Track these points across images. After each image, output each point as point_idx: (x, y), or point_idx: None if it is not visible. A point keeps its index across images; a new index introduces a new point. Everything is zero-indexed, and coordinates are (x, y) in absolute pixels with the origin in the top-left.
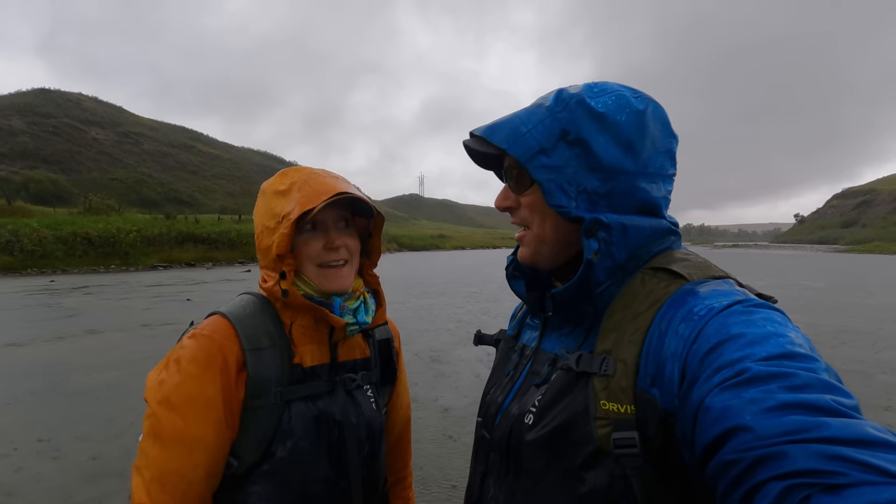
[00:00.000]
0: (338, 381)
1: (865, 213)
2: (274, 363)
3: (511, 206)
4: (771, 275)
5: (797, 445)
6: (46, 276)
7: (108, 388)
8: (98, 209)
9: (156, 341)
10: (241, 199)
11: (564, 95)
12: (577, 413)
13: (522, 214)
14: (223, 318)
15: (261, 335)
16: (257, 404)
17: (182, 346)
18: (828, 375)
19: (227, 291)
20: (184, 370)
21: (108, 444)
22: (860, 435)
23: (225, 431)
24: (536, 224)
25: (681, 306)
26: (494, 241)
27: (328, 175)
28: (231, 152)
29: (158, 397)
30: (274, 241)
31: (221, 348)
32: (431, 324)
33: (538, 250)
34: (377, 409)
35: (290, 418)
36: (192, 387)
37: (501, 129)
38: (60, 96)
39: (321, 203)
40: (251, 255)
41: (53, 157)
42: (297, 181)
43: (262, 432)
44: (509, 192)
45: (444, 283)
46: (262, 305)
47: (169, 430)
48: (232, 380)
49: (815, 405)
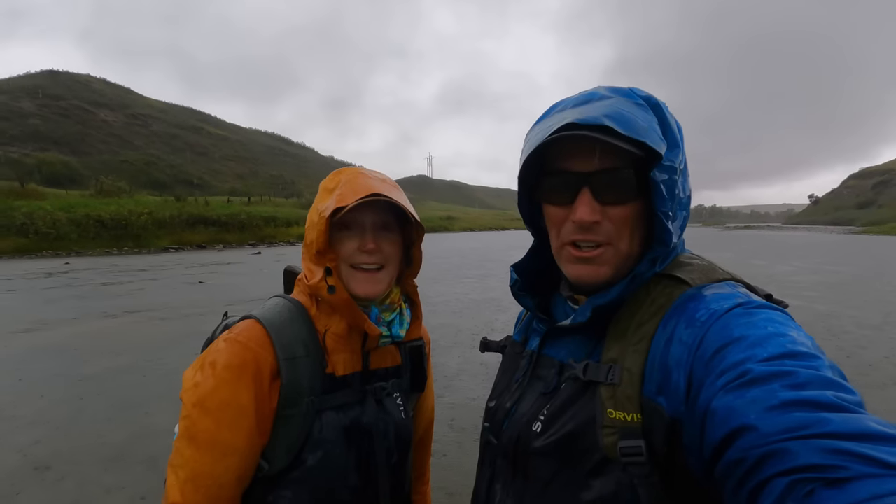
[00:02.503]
0: (368, 391)
1: (883, 194)
2: (308, 373)
3: (598, 220)
4: (797, 257)
5: (800, 441)
6: (61, 258)
7: (123, 372)
8: (109, 191)
9: (169, 324)
10: (250, 181)
11: (642, 93)
12: (584, 422)
13: (606, 230)
14: (259, 325)
15: (296, 344)
16: (290, 413)
17: (217, 350)
18: (830, 372)
19: (240, 274)
20: (218, 375)
21: (122, 429)
22: (862, 429)
23: (256, 438)
24: (624, 240)
25: (683, 313)
26: (503, 223)
27: (373, 177)
28: (239, 134)
29: (194, 399)
30: (313, 236)
31: (256, 357)
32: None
33: (619, 270)
34: (406, 416)
35: (321, 428)
36: (225, 393)
37: (628, 123)
38: (69, 78)
39: (353, 202)
40: (261, 237)
41: (64, 139)
42: (343, 180)
43: (293, 440)
44: (596, 203)
45: (453, 266)
46: (297, 312)
47: (203, 434)
48: (265, 388)
49: (816, 402)
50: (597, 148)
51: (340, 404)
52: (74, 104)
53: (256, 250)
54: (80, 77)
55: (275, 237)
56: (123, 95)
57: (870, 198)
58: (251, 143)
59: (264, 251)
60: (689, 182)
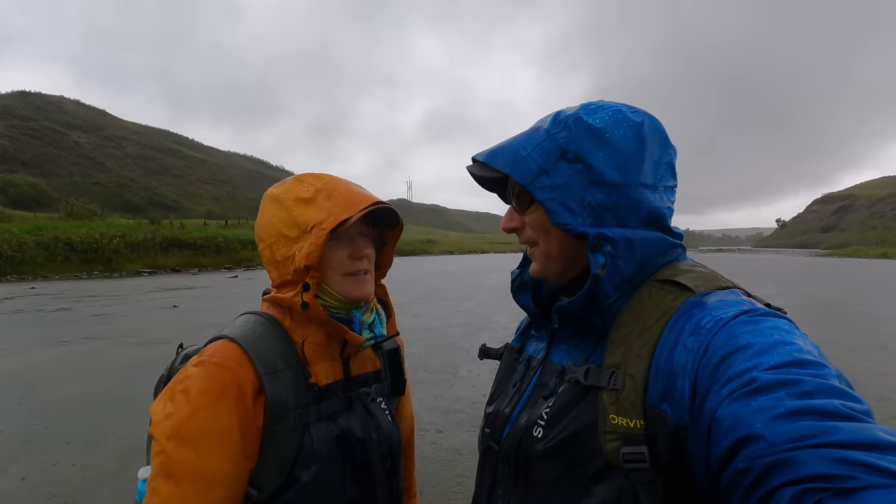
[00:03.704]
0: (354, 397)
1: (844, 218)
2: (291, 385)
3: (516, 226)
4: (771, 282)
5: (808, 451)
6: (27, 282)
7: (89, 400)
8: (80, 214)
9: (140, 350)
10: (226, 204)
11: (562, 116)
12: (585, 426)
13: (528, 234)
14: (232, 343)
15: (275, 357)
16: (277, 429)
17: (189, 376)
18: (837, 381)
19: (215, 297)
20: (194, 401)
21: (88, 459)
22: (870, 438)
23: (243, 462)
24: (542, 241)
25: (688, 319)
26: (483, 246)
27: (351, 183)
28: (217, 157)
29: (167, 432)
30: (298, 251)
31: (236, 376)
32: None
33: (546, 266)
34: (393, 420)
35: (311, 441)
36: (204, 418)
37: (502, 153)
38: (41, 99)
39: (359, 213)
40: (238, 260)
41: (34, 160)
42: (322, 188)
43: (283, 458)
44: (514, 213)
45: (432, 289)
46: (270, 326)
47: (182, 467)
48: (249, 408)
49: (824, 410)
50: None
51: (328, 414)
52: (45, 125)
53: (233, 274)
54: (52, 98)
55: (252, 260)
56: (97, 117)
57: (833, 222)
58: (229, 166)
59: (241, 274)
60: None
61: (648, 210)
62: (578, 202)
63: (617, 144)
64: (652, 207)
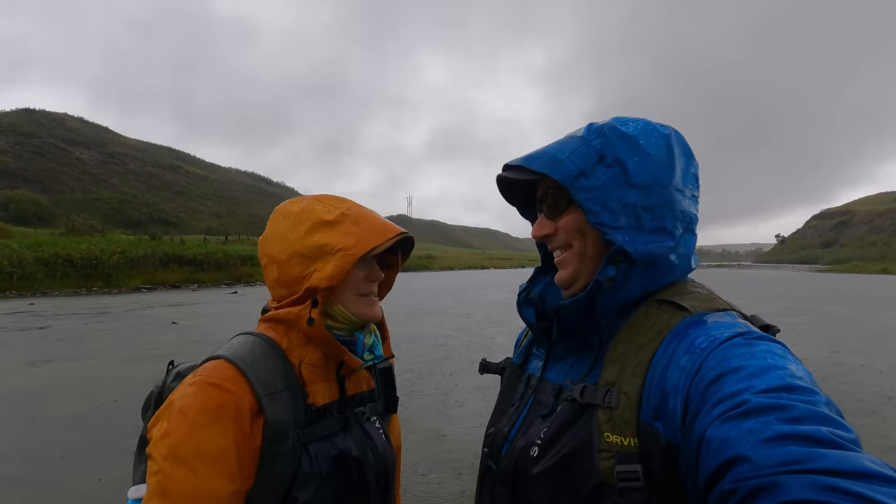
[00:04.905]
0: (350, 417)
1: (843, 234)
2: (290, 406)
3: (549, 232)
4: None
5: (794, 476)
6: (26, 298)
7: (88, 416)
8: (81, 230)
9: (139, 367)
10: (227, 220)
11: (595, 126)
12: (581, 445)
13: (561, 238)
14: (229, 364)
15: (274, 378)
16: (276, 450)
17: (186, 395)
18: (827, 409)
19: (214, 314)
20: (192, 421)
21: (85, 478)
22: (856, 467)
23: (240, 483)
24: (577, 242)
25: (683, 339)
26: (483, 262)
27: (370, 210)
28: (218, 173)
29: (164, 451)
30: (319, 270)
31: (235, 398)
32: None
33: (579, 269)
34: (387, 439)
35: (309, 461)
36: (201, 438)
37: (539, 158)
38: (45, 116)
39: (387, 242)
40: (238, 276)
41: (36, 176)
42: (347, 213)
43: (280, 479)
44: (545, 220)
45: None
46: (267, 347)
47: (178, 487)
48: (246, 429)
49: (812, 437)
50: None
51: (325, 434)
52: (48, 142)
53: (233, 290)
54: (55, 115)
55: (252, 276)
56: (100, 134)
57: (831, 237)
58: (230, 182)
59: (241, 290)
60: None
61: (682, 212)
62: (617, 202)
63: (650, 151)
64: (684, 209)
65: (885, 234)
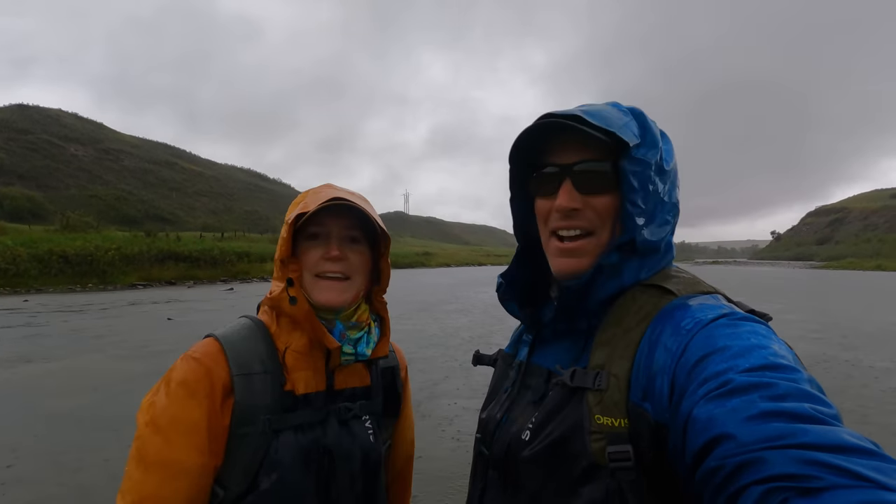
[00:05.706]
0: (331, 411)
1: (838, 231)
2: (264, 390)
3: (578, 207)
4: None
5: (776, 451)
6: (20, 295)
7: (81, 413)
8: (76, 226)
9: (134, 363)
10: (223, 217)
11: (625, 106)
12: (572, 428)
13: (588, 217)
14: (214, 341)
15: (252, 360)
16: (244, 431)
17: (173, 368)
18: (809, 386)
19: (209, 311)
20: (172, 392)
21: (81, 472)
22: (837, 441)
23: (209, 458)
24: (606, 231)
25: (669, 320)
26: (479, 259)
27: (340, 189)
28: (214, 169)
29: (147, 418)
30: (279, 246)
31: (209, 372)
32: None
33: (593, 263)
34: (375, 441)
35: (277, 448)
36: (176, 409)
37: (597, 115)
38: (39, 112)
39: (315, 207)
40: (233, 273)
41: (30, 173)
42: (311, 192)
43: (249, 461)
44: (576, 192)
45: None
46: (256, 330)
47: (152, 454)
48: (217, 405)
49: (794, 413)
50: (577, 142)
51: (299, 424)
52: (43, 138)
53: (229, 286)
54: (50, 111)
55: (248, 273)
56: (95, 130)
57: (827, 234)
58: (226, 178)
59: (237, 287)
60: (677, 191)
61: (675, 202)
62: (650, 185)
63: (667, 142)
64: (675, 200)
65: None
